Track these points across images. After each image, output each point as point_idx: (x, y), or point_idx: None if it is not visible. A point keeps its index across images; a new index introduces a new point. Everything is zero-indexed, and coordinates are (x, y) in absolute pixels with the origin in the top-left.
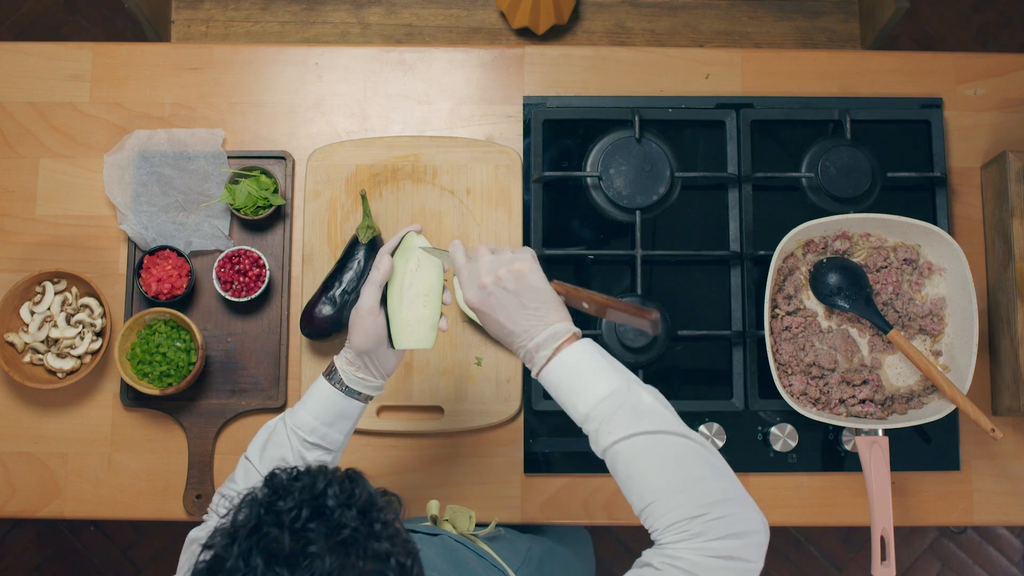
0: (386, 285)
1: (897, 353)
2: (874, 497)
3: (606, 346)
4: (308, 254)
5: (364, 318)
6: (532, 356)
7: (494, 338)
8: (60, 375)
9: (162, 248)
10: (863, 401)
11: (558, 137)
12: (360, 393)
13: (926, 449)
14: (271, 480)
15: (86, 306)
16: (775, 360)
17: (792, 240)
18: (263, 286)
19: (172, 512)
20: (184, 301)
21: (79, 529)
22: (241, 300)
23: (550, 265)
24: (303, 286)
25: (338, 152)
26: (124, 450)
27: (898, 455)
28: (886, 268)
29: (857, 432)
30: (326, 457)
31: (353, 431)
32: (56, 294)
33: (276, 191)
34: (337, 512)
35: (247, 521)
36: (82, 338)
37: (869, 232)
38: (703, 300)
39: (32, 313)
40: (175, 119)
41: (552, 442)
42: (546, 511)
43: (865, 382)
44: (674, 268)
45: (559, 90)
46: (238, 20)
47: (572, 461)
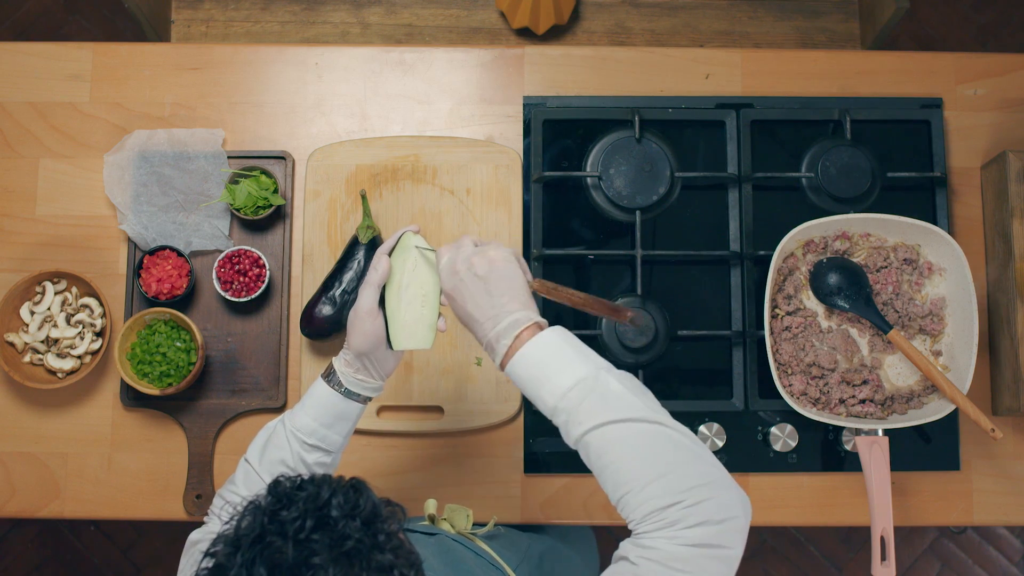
0: (384, 286)
1: (897, 353)
2: (874, 497)
3: (606, 346)
4: (308, 254)
5: (362, 319)
6: (493, 347)
7: (464, 326)
8: (60, 375)
9: (162, 248)
10: (863, 401)
11: (558, 137)
12: (359, 395)
13: (926, 449)
14: (275, 488)
15: (86, 306)
16: (775, 360)
17: (792, 240)
18: (263, 286)
19: (172, 512)
20: (184, 301)
21: (79, 529)
22: (241, 300)
23: (550, 265)
24: (303, 286)
25: (338, 152)
26: (124, 450)
27: (898, 455)
28: (886, 268)
29: (857, 432)
30: (325, 459)
31: (352, 432)
32: (56, 294)
33: (276, 191)
34: (341, 523)
35: (250, 530)
36: (82, 338)
37: (869, 232)
38: (703, 300)
39: (32, 313)
40: (175, 119)
41: (552, 442)
42: (546, 511)
43: (865, 382)
44: (674, 268)
45: (559, 90)
46: (238, 20)
47: (572, 461)
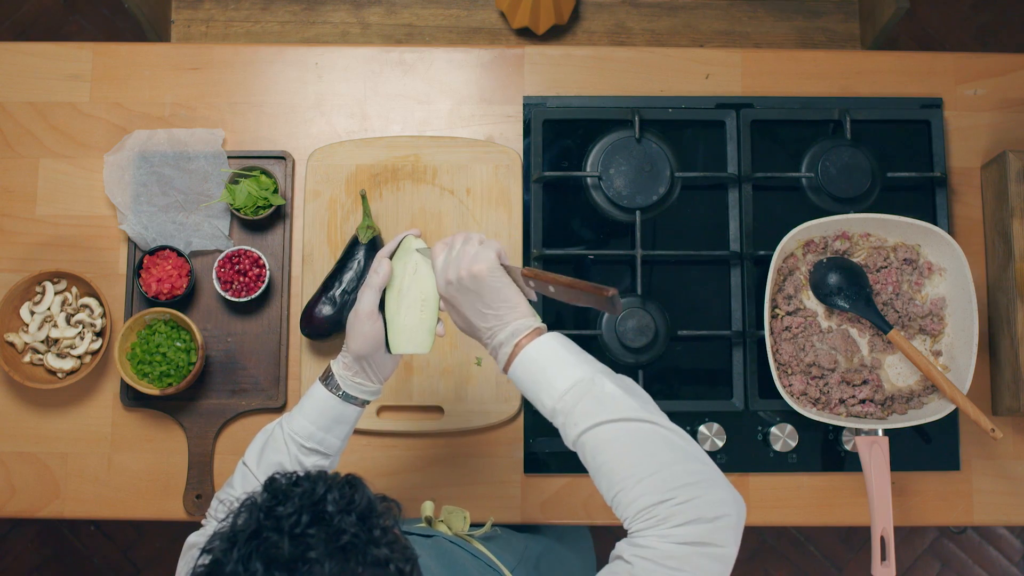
0: (384, 289)
1: (897, 353)
2: (874, 497)
3: (606, 346)
4: (308, 254)
5: (362, 322)
6: (496, 353)
7: (463, 332)
8: (60, 375)
9: (162, 248)
10: (863, 401)
11: (558, 137)
12: (357, 398)
13: (926, 449)
14: (271, 485)
15: (86, 306)
16: (775, 360)
17: (792, 240)
18: (263, 286)
19: (172, 512)
20: (184, 301)
21: (79, 529)
22: (241, 300)
23: (550, 265)
24: (303, 286)
25: (338, 152)
26: (124, 450)
27: (898, 455)
28: (886, 268)
29: (857, 432)
30: (324, 462)
31: (351, 434)
32: (56, 294)
33: (276, 191)
34: (337, 518)
35: (246, 526)
36: (82, 338)
37: (869, 232)
38: (703, 300)
39: (32, 313)
40: (175, 119)
41: (552, 442)
42: (546, 511)
43: (865, 382)
44: (674, 268)
45: (559, 90)
46: (238, 20)
47: (572, 461)
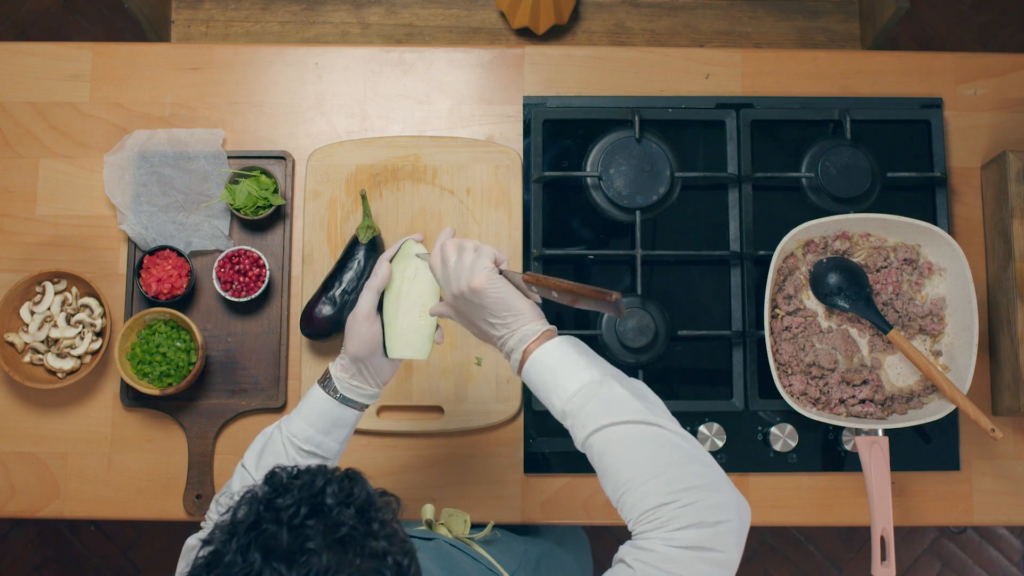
0: (384, 292)
1: (897, 353)
2: (874, 497)
3: (606, 346)
4: (308, 254)
5: (359, 324)
6: (508, 359)
7: (482, 340)
8: (60, 375)
9: (162, 248)
10: (863, 401)
11: (558, 137)
12: (355, 401)
13: (926, 449)
14: (271, 478)
15: (86, 306)
16: (775, 360)
17: (792, 240)
18: (263, 286)
19: (172, 512)
20: (184, 301)
21: (79, 529)
22: (241, 300)
23: (550, 265)
24: (303, 286)
25: (338, 152)
26: (124, 450)
27: (898, 455)
28: (886, 268)
29: (857, 432)
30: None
31: (350, 437)
32: (56, 294)
33: (276, 191)
34: (335, 510)
35: (246, 517)
36: (82, 338)
37: (869, 232)
38: (703, 300)
39: (32, 313)
40: (175, 119)
41: (552, 442)
42: (546, 511)
43: (865, 382)
44: (674, 268)
45: (559, 90)
46: (238, 20)
47: (572, 461)
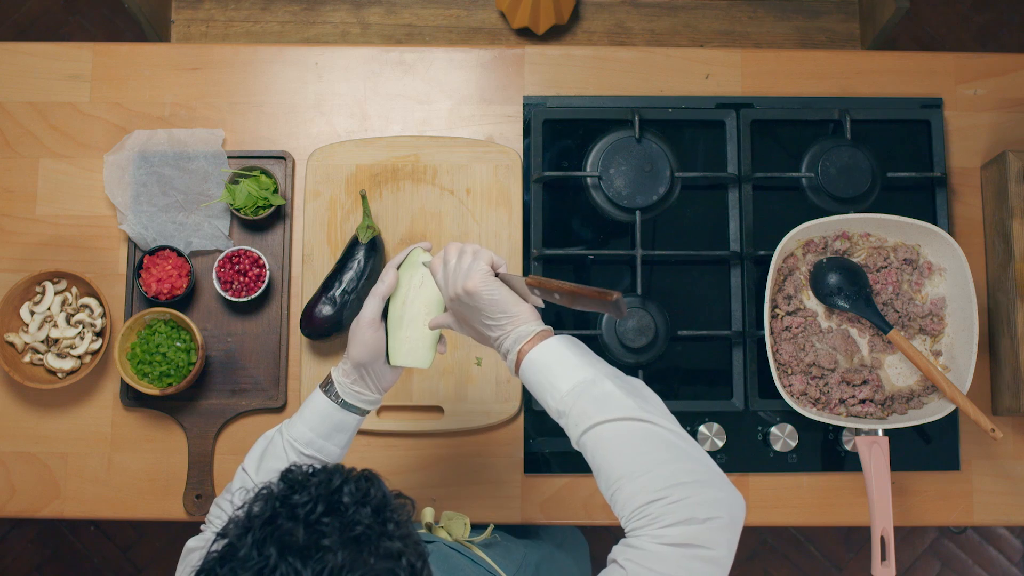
0: (389, 299)
1: (897, 353)
2: (874, 497)
3: (606, 346)
4: (308, 254)
5: (363, 329)
6: (505, 359)
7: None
8: (60, 375)
9: (162, 248)
10: (863, 401)
11: (558, 137)
12: (356, 407)
13: (926, 449)
14: (287, 475)
15: (86, 306)
16: (775, 360)
17: (792, 240)
18: (263, 286)
19: (172, 512)
20: (184, 301)
21: (79, 529)
22: (241, 300)
23: (550, 265)
24: (303, 286)
25: (338, 152)
26: (124, 450)
27: (898, 455)
28: (886, 268)
29: (857, 432)
30: None
31: (351, 442)
32: (56, 294)
33: (276, 191)
34: (352, 509)
35: (262, 512)
36: (82, 338)
37: (869, 232)
38: (703, 300)
39: (32, 313)
40: (175, 119)
41: (552, 442)
42: (546, 511)
43: (865, 382)
44: (674, 268)
45: (559, 90)
46: (238, 20)
47: (572, 461)
